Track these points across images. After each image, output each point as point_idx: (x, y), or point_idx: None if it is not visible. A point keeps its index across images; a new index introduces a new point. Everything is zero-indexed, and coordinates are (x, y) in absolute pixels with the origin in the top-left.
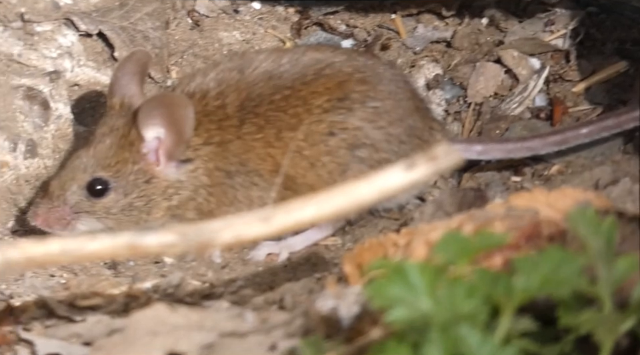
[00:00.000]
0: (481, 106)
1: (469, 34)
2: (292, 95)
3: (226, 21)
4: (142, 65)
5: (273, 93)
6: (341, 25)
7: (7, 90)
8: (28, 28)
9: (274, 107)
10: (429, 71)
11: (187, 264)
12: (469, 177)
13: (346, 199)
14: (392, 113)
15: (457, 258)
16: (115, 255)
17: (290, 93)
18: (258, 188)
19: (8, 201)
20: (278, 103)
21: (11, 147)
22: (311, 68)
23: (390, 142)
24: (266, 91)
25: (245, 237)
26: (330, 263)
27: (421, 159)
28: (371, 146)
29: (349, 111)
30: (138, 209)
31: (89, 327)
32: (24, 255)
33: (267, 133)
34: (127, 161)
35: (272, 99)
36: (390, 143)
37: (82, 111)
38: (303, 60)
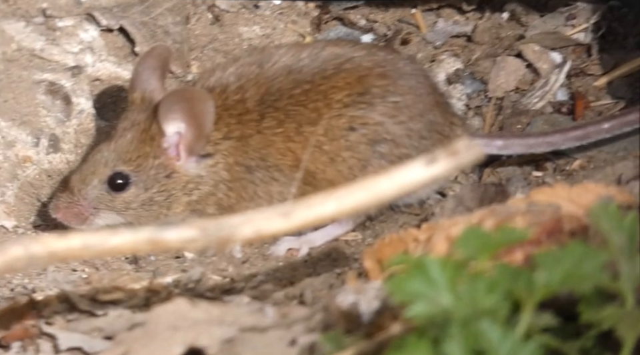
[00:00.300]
0: (502, 100)
1: (490, 28)
2: (312, 90)
3: (246, 15)
4: (163, 60)
5: (292, 87)
6: (361, 20)
7: (29, 85)
8: (50, 23)
9: (294, 102)
10: (449, 65)
11: (207, 259)
12: (490, 172)
13: (366, 194)
14: (412, 108)
15: (477, 253)
16: (136, 250)
17: (310, 88)
18: (278, 183)
19: (30, 196)
20: (298, 97)
21: (34, 141)
22: (330, 62)
23: (410, 137)
24: (286, 85)
25: (265, 232)
26: (350, 259)
27: (442, 154)
28: (392, 141)
29: (370, 106)
30: (158, 203)
31: (110, 322)
32: (46, 249)
33: (287, 128)
34: (147, 156)
35: (292, 93)
36: (410, 138)
37: (103, 106)
38: (323, 54)
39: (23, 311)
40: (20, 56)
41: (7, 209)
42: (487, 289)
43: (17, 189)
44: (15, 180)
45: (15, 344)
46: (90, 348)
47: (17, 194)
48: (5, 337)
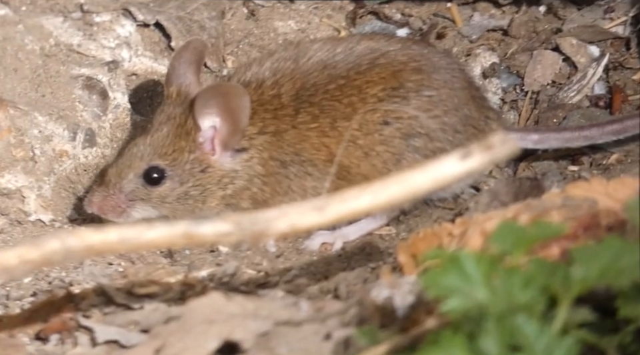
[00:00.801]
0: (538, 94)
1: (526, 22)
2: (346, 85)
3: (281, 10)
4: (198, 54)
5: (327, 82)
6: (396, 14)
7: (66, 80)
8: (87, 18)
9: (329, 97)
10: (485, 59)
11: (242, 253)
12: (525, 166)
13: (401, 189)
14: (447, 102)
15: (513, 248)
16: (171, 244)
17: (345, 83)
18: (312, 178)
19: (67, 190)
20: (333, 92)
21: (70, 136)
22: (365, 57)
23: (445, 131)
24: (321, 80)
25: (300, 227)
26: (384, 253)
27: (477, 148)
28: (426, 135)
29: (404, 100)
30: (193, 198)
31: (146, 315)
32: (83, 243)
33: (321, 123)
34: (183, 150)
35: (327, 88)
36: (445, 132)
37: (139, 101)
38: (358, 49)
39: (60, 304)
40: (58, 51)
41: (44, 203)
42: (522, 284)
43: (53, 183)
44: (52, 174)
45: (53, 337)
46: (126, 341)
47: (53, 188)
48: (44, 330)
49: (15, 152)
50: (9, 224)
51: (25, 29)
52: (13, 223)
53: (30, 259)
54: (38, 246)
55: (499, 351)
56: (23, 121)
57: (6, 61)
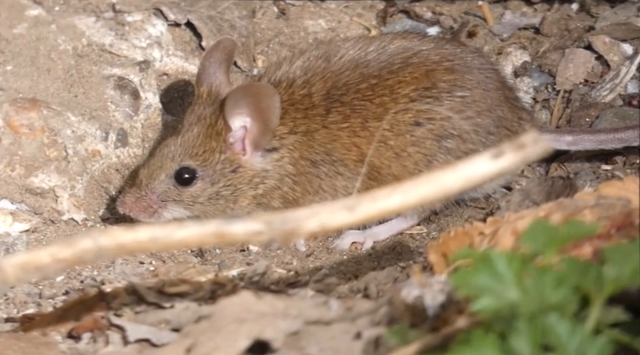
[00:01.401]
0: (570, 93)
1: (559, 20)
2: (378, 84)
3: (312, 9)
4: (228, 53)
5: (359, 81)
6: (427, 12)
7: (98, 80)
8: (119, 18)
9: (360, 96)
10: (516, 58)
11: (272, 252)
12: (558, 165)
13: (432, 188)
14: (480, 103)
15: (545, 247)
16: (202, 243)
17: (376, 82)
18: (343, 177)
19: (99, 190)
20: (364, 91)
21: (103, 136)
22: (397, 56)
23: (478, 133)
24: (352, 79)
25: (330, 226)
26: (415, 252)
27: (509, 148)
28: (458, 137)
29: (436, 101)
30: (224, 198)
31: (176, 314)
32: (115, 242)
33: (352, 123)
34: (214, 150)
35: (358, 87)
36: (478, 133)
37: (170, 101)
38: (390, 48)
39: (92, 302)
40: (90, 51)
41: (76, 202)
42: (555, 283)
43: (86, 182)
44: (85, 174)
45: (85, 335)
46: (157, 340)
47: (86, 188)
48: (76, 329)
49: (48, 152)
50: (42, 223)
51: (58, 29)
52: (47, 223)
53: (62, 257)
54: (70, 245)
55: (530, 351)
56: (56, 121)
57: (39, 61)
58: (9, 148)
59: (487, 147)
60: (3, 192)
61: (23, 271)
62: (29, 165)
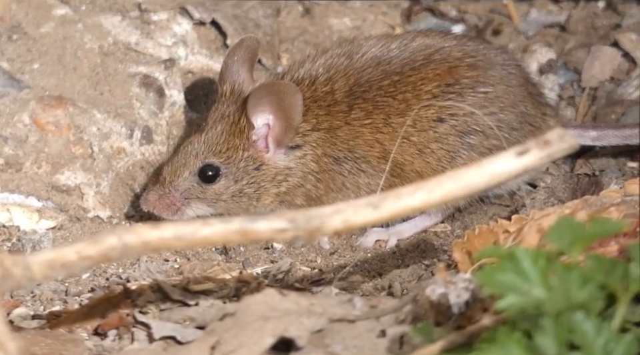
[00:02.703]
0: (596, 90)
1: (585, 17)
2: (401, 81)
3: (336, 8)
4: (251, 52)
5: (381, 78)
6: (452, 11)
7: (124, 78)
8: (145, 17)
9: (382, 93)
10: (541, 55)
11: (296, 250)
12: (583, 162)
13: (456, 186)
14: (503, 99)
15: (570, 245)
16: (226, 241)
17: (399, 79)
18: (365, 174)
19: (124, 187)
20: (387, 88)
21: (128, 133)
22: (420, 53)
23: (501, 129)
24: (374, 76)
25: (354, 224)
26: (439, 250)
27: (533, 145)
28: (482, 133)
29: (459, 96)
30: (247, 195)
31: (201, 312)
32: (140, 239)
33: (375, 119)
34: (237, 148)
35: (380, 84)
36: (501, 129)
37: (195, 98)
38: (412, 45)
39: (118, 300)
40: (116, 49)
41: (102, 199)
42: (580, 281)
43: (111, 180)
44: (110, 171)
45: (111, 332)
46: (182, 337)
47: (111, 185)
48: (102, 326)
49: (74, 149)
50: (68, 221)
51: (85, 28)
52: (72, 220)
53: (88, 255)
54: (96, 242)
55: (556, 349)
56: (81, 118)
57: (65, 59)
58: (35, 145)
59: (510, 143)
60: (30, 189)
61: (50, 268)
62: (55, 163)
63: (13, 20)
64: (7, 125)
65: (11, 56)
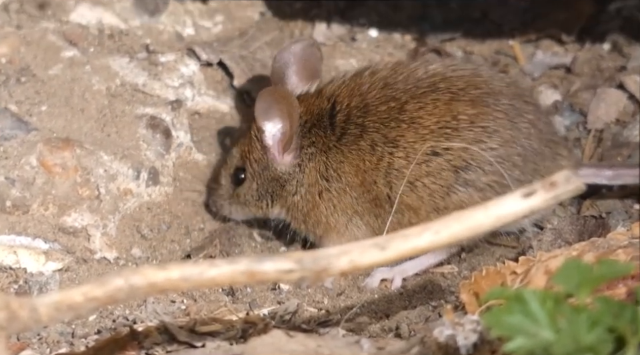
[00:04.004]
0: (602, 132)
1: (590, 59)
2: (396, 108)
3: (343, 48)
4: (301, 55)
5: (380, 103)
6: (458, 51)
7: (131, 119)
8: (152, 58)
9: (375, 118)
10: (547, 97)
11: (303, 291)
12: (590, 204)
13: (463, 226)
14: (504, 134)
15: (578, 287)
16: (233, 282)
17: (395, 105)
18: (350, 197)
19: (131, 228)
20: (381, 114)
21: (134, 175)
22: (426, 80)
23: (501, 164)
24: (374, 100)
25: (361, 264)
26: (446, 291)
27: (540, 186)
28: (479, 168)
29: (455, 131)
30: (263, 197)
31: (208, 353)
32: (146, 281)
33: (361, 145)
34: (253, 150)
35: (377, 110)
36: (501, 165)
37: (202, 139)
38: (420, 71)
39: (124, 341)
40: (123, 91)
41: (108, 241)
42: (589, 324)
43: (118, 221)
44: (117, 213)
45: None
46: None
47: (118, 226)
48: None
49: (81, 191)
50: (74, 262)
51: (92, 69)
52: (79, 262)
53: (95, 296)
54: (103, 284)
55: None
56: (88, 160)
57: (73, 101)
58: (42, 187)
59: (513, 180)
60: (37, 231)
61: (56, 310)
62: (62, 205)
63: (21, 62)
64: (14, 167)
65: (19, 98)
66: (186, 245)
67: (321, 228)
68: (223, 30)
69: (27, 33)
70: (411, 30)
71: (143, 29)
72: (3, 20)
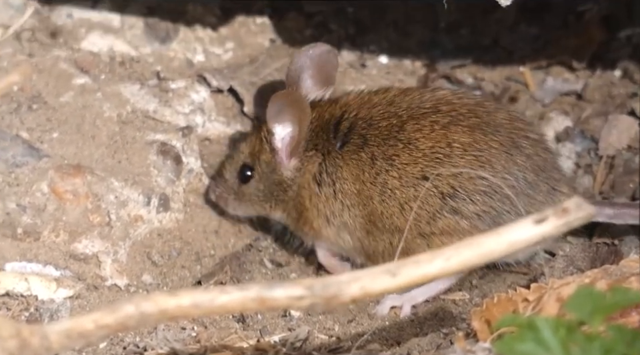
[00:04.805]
0: (614, 159)
1: (601, 86)
2: (395, 125)
3: (353, 75)
4: (317, 60)
5: (382, 118)
6: (468, 78)
7: (142, 145)
8: (163, 85)
9: (376, 133)
10: (558, 123)
11: (313, 318)
12: (602, 231)
13: (474, 253)
14: (496, 165)
15: (591, 315)
16: (244, 308)
17: (396, 122)
18: (341, 203)
19: (141, 255)
20: (382, 130)
21: (145, 201)
22: (428, 102)
23: (490, 195)
24: (378, 115)
25: (372, 291)
26: (457, 318)
27: (551, 213)
28: (467, 198)
29: (447, 157)
30: (267, 197)
31: None
32: (157, 307)
33: (361, 156)
34: (262, 152)
35: (379, 125)
36: (490, 196)
37: (212, 166)
38: (426, 95)
39: None
40: (134, 117)
41: (119, 267)
42: (602, 352)
43: (128, 248)
44: (127, 239)
45: None
46: None
47: (128, 253)
48: None
49: (92, 218)
50: (85, 289)
51: (103, 96)
52: (90, 288)
53: (106, 324)
54: (113, 311)
55: None
56: (99, 187)
57: (84, 128)
58: (53, 214)
59: (503, 212)
60: (48, 258)
61: (67, 338)
62: (72, 231)
63: (33, 90)
64: (25, 194)
65: (31, 125)
66: (196, 271)
67: (312, 234)
68: (233, 57)
69: (38, 60)
70: (421, 56)
71: (153, 55)
72: (15, 48)
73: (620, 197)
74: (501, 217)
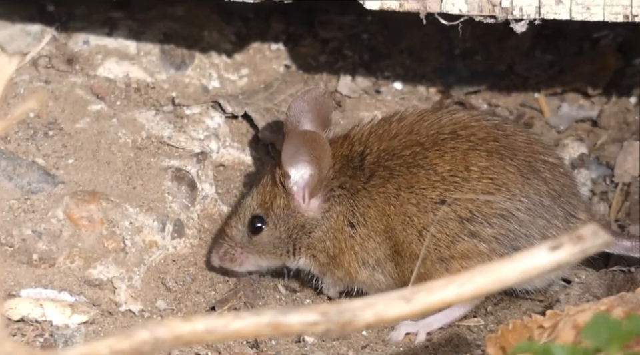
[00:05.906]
0: (629, 186)
1: (616, 113)
2: (419, 153)
3: (367, 101)
4: (315, 103)
5: (404, 147)
6: (483, 104)
7: (156, 171)
8: (178, 111)
9: (401, 162)
10: (573, 150)
11: (328, 343)
12: (618, 257)
13: (488, 280)
14: (512, 188)
15: (607, 342)
16: (258, 334)
17: (418, 151)
18: (374, 241)
19: (156, 280)
20: (406, 158)
21: (160, 227)
22: (448, 127)
23: (507, 218)
24: (400, 144)
25: (386, 317)
26: (472, 345)
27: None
28: (485, 221)
29: (465, 181)
30: (285, 244)
31: None
32: (171, 333)
33: (387, 188)
34: (277, 196)
35: (402, 154)
36: (507, 219)
37: (227, 191)
38: (446, 119)
39: None
40: (149, 144)
41: (133, 293)
42: None
43: (143, 273)
44: (142, 265)
45: None
46: None
47: (143, 279)
48: None
49: (107, 243)
50: (100, 315)
51: (119, 122)
52: (104, 314)
53: (120, 349)
54: (128, 337)
55: None
56: (114, 212)
57: (100, 154)
58: (68, 240)
59: (519, 236)
60: (63, 284)
61: None
62: (87, 257)
63: (49, 116)
64: (41, 221)
65: (47, 152)
66: (210, 297)
67: (347, 280)
68: (248, 83)
69: (55, 87)
70: (435, 83)
71: (169, 82)
72: (32, 75)
73: (635, 224)
74: (518, 240)
